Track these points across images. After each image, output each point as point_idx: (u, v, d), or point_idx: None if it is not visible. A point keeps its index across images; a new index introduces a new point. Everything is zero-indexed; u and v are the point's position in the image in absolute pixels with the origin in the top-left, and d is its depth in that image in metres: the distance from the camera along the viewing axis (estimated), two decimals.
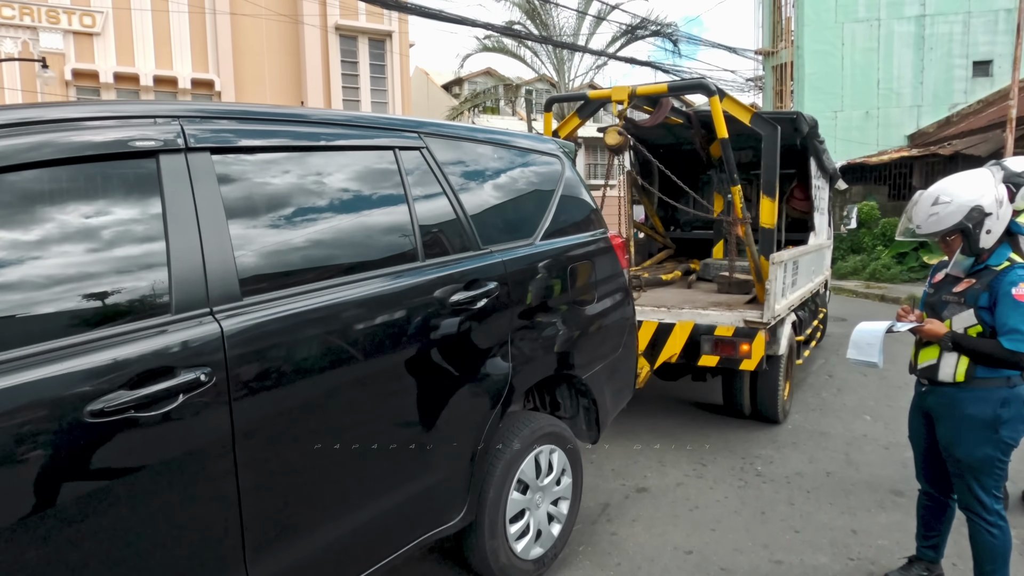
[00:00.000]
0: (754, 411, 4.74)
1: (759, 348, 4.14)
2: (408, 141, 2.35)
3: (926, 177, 14.84)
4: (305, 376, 1.81)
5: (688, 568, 2.87)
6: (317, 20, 17.75)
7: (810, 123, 5.39)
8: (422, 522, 2.25)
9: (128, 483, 1.48)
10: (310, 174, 2.01)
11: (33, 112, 1.51)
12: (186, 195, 1.66)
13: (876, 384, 5.88)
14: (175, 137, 1.68)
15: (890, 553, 2.98)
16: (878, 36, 17.99)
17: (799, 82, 18.63)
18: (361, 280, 2.00)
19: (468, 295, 2.30)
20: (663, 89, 4.63)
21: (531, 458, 2.64)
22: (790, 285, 4.78)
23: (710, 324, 4.30)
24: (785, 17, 20.26)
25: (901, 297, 10.83)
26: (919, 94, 17.92)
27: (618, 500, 3.54)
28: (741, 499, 3.55)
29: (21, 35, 15.07)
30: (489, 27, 15.47)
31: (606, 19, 18.82)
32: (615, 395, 3.21)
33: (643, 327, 4.35)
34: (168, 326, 1.56)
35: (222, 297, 1.66)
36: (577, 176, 3.20)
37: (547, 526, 2.77)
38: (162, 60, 16.26)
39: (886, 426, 4.74)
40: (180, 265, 1.60)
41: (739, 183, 4.43)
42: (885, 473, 3.89)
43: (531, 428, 2.65)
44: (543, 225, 2.83)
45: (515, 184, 2.83)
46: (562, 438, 2.82)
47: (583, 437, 3.13)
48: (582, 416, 3.11)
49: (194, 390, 1.56)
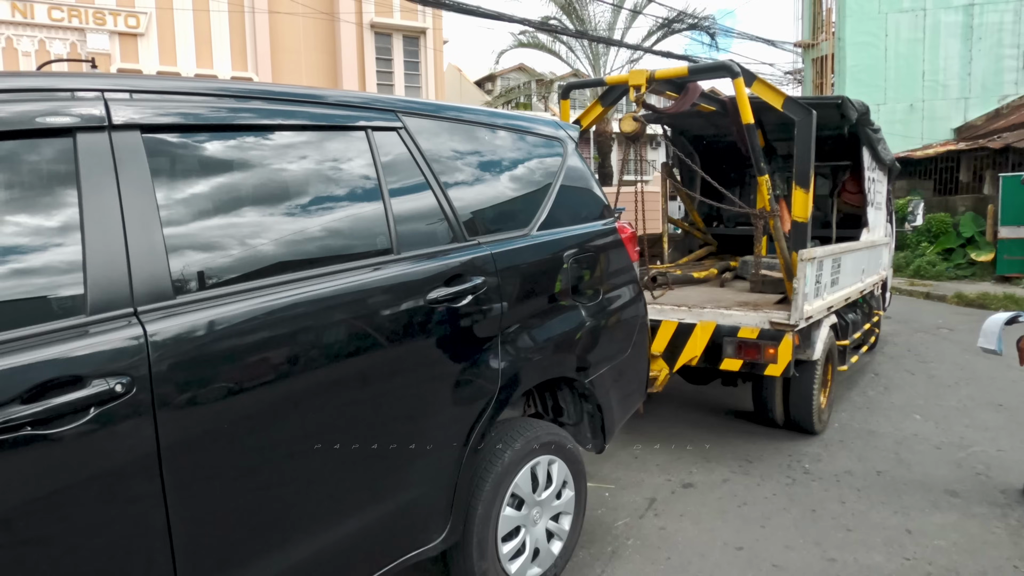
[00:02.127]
0: (787, 420, 4.44)
1: (786, 352, 3.84)
2: (383, 121, 2.12)
3: (974, 171, 14.40)
4: (250, 385, 1.60)
5: (739, 564, 2.85)
6: (353, 17, 17.95)
7: (859, 109, 5.02)
8: (397, 545, 2.02)
9: (24, 512, 1.27)
10: (264, 156, 1.80)
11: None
12: (108, 179, 1.46)
13: (924, 383, 5.74)
14: (97, 114, 1.48)
15: (947, 554, 2.91)
16: (923, 26, 17.48)
17: (840, 75, 18.21)
18: (320, 276, 1.79)
19: (449, 291, 2.07)
20: (683, 72, 4.36)
21: (527, 470, 2.41)
22: (828, 284, 4.50)
23: (733, 325, 4.02)
24: (826, 8, 19.80)
25: (947, 295, 10.54)
26: (966, 86, 17.37)
27: (664, 495, 3.53)
28: (790, 496, 3.51)
29: (70, 36, 15.55)
30: (525, 23, 15.43)
31: (642, 12, 18.59)
32: (623, 400, 2.96)
33: (662, 327, 4.16)
34: (80, 329, 1.36)
35: (149, 296, 1.47)
36: (582, 161, 2.93)
37: (546, 544, 2.54)
38: (203, 59, 16.63)
39: (937, 425, 4.63)
40: (98, 259, 1.41)
41: (766, 173, 4.22)
42: (938, 473, 3.80)
43: (526, 437, 2.40)
44: (540, 214, 2.57)
45: (509, 169, 2.57)
46: (563, 447, 2.58)
47: (588, 445, 2.91)
48: (586, 423, 2.86)
49: (108, 403, 1.35)
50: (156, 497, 1.44)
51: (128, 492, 1.41)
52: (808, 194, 4.24)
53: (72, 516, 1.33)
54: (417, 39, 19.07)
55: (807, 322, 4.00)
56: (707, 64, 4.74)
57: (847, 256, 4.91)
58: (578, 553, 2.92)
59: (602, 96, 4.87)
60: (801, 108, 4.24)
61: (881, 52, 17.77)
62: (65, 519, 1.32)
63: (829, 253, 4.44)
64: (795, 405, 4.34)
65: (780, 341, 3.86)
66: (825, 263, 4.35)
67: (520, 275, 2.38)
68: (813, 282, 4.07)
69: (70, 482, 1.32)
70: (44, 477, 1.30)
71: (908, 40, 17.61)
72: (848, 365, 5.12)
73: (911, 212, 7.86)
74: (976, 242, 12.91)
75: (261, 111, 1.81)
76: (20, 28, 15.03)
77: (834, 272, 4.63)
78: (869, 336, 6.04)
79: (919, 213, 7.87)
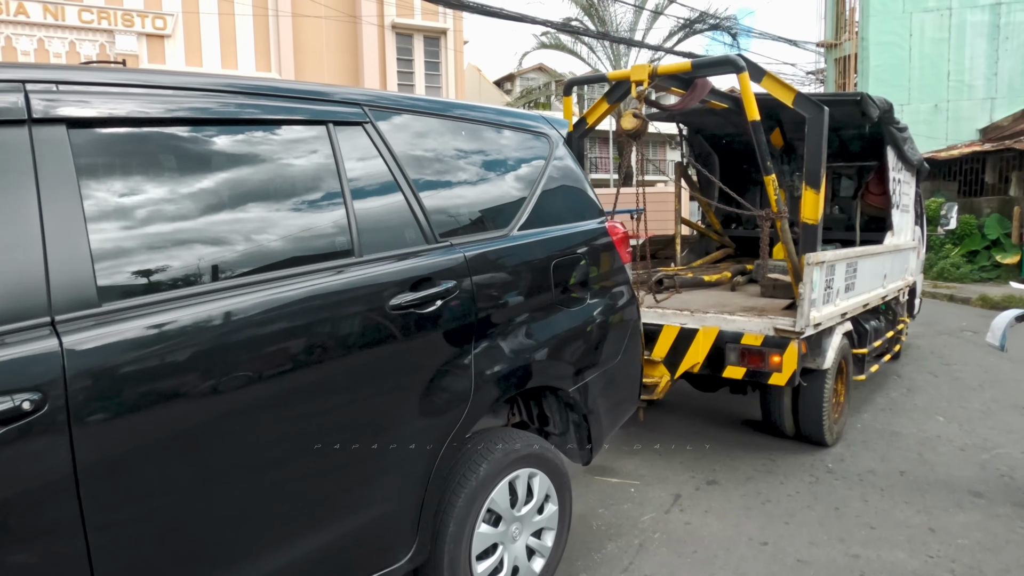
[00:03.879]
0: (797, 431, 4.26)
1: (791, 361, 3.66)
2: (346, 115, 2.00)
3: (1000, 172, 14.24)
4: (186, 401, 1.48)
5: (764, 558, 2.92)
6: (375, 19, 18.15)
7: (881, 106, 4.79)
8: (358, 566, 1.91)
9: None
10: (209, 153, 1.69)
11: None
12: (26, 177, 1.35)
13: (948, 385, 5.74)
14: (15, 106, 1.38)
15: (971, 552, 2.96)
16: (949, 26, 17.28)
17: (863, 75, 18.07)
18: (270, 281, 1.67)
19: (415, 297, 1.94)
20: (687, 67, 4.19)
21: (504, 484, 2.26)
22: (841, 290, 4.31)
23: (736, 331, 3.85)
24: (849, 8, 19.65)
25: (971, 298, 10.46)
26: (993, 86, 17.14)
27: (689, 491, 3.60)
28: (813, 494, 3.56)
29: (99, 38, 15.88)
30: (547, 24, 15.52)
31: (664, 13, 18.59)
32: (612, 409, 2.80)
33: (664, 332, 4.02)
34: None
35: (71, 304, 1.35)
36: (570, 157, 2.80)
37: (526, 562, 2.40)
38: (227, 60, 16.90)
39: (960, 427, 4.64)
40: (10, 264, 1.30)
41: (772, 172, 4.03)
42: (962, 474, 3.83)
43: (504, 449, 2.26)
44: (522, 213, 2.44)
45: (488, 167, 2.43)
46: (545, 460, 2.43)
47: (574, 457, 2.75)
48: (572, 433, 2.71)
49: (13, 421, 1.25)
50: (74, 524, 1.32)
51: (38, 518, 1.29)
52: (819, 195, 4.06)
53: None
54: (438, 40, 19.22)
55: (816, 329, 3.84)
56: (711, 59, 4.50)
57: (865, 260, 4.74)
58: (606, 545, 3.01)
59: (608, 92, 4.75)
60: (813, 105, 4.05)
61: (905, 52, 17.60)
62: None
63: (841, 257, 4.26)
64: (804, 416, 4.18)
65: (785, 349, 3.69)
66: (838, 267, 4.18)
67: (497, 278, 2.23)
68: (822, 287, 3.90)
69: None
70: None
71: (933, 40, 17.42)
72: (867, 374, 4.95)
73: (944, 215, 7.47)
74: (1001, 244, 12.77)
75: (203, 107, 1.68)
76: (52, 30, 15.37)
77: (849, 277, 4.45)
78: (893, 344, 5.86)
79: (952, 216, 7.42)
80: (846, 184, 6.72)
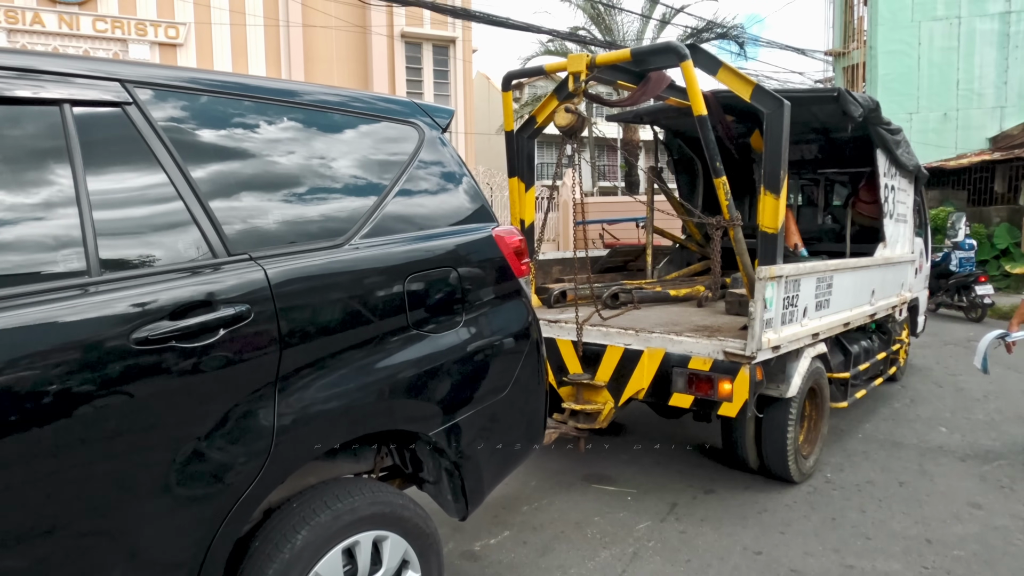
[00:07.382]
0: (761, 465, 3.84)
1: (742, 388, 3.23)
2: (95, 93, 1.57)
3: (1009, 182, 14.16)
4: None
5: (758, 568, 2.92)
6: (384, 30, 18.33)
7: (865, 104, 4.36)
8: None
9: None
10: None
11: None
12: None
13: (952, 396, 5.71)
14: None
15: (967, 564, 2.95)
16: (958, 34, 17.24)
17: (871, 83, 18.03)
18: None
19: (175, 327, 1.50)
20: (627, 56, 3.81)
21: (336, 552, 1.81)
22: (811, 308, 3.84)
23: (683, 354, 3.43)
24: (857, 17, 19.64)
25: None
26: (1002, 95, 17.07)
27: (686, 500, 3.61)
28: (810, 504, 3.56)
29: (112, 47, 16.12)
30: (554, 33, 15.59)
31: (670, 23, 18.65)
32: (496, 454, 2.30)
33: (607, 353, 3.63)
34: None
35: None
36: (448, 151, 2.36)
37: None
38: (239, 69, 17.10)
39: (963, 438, 4.62)
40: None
41: (723, 174, 3.61)
42: (962, 485, 3.81)
43: (336, 510, 1.81)
44: (369, 219, 1.99)
45: (322, 161, 1.99)
46: (398, 519, 1.96)
47: (450, 510, 2.28)
48: (445, 482, 2.23)
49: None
50: None
51: None
52: (778, 200, 3.63)
53: None
54: (447, 48, 19.37)
55: (774, 352, 3.40)
56: (652, 46, 4.09)
57: (843, 275, 4.25)
58: (600, 553, 3.02)
59: (557, 88, 4.34)
60: (772, 99, 3.64)
61: (914, 61, 17.56)
62: None
63: (806, 271, 3.76)
64: (767, 449, 3.76)
65: (736, 375, 3.26)
66: (804, 282, 3.71)
67: (318, 299, 1.79)
68: (779, 305, 3.45)
69: None
70: None
71: (942, 48, 17.38)
72: (850, 400, 4.54)
73: (951, 227, 7.07)
74: (1011, 254, 12.69)
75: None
76: (66, 39, 15.62)
77: (822, 293, 3.98)
78: (887, 365, 5.46)
79: (961, 228, 6.93)
80: (841, 192, 6.43)
